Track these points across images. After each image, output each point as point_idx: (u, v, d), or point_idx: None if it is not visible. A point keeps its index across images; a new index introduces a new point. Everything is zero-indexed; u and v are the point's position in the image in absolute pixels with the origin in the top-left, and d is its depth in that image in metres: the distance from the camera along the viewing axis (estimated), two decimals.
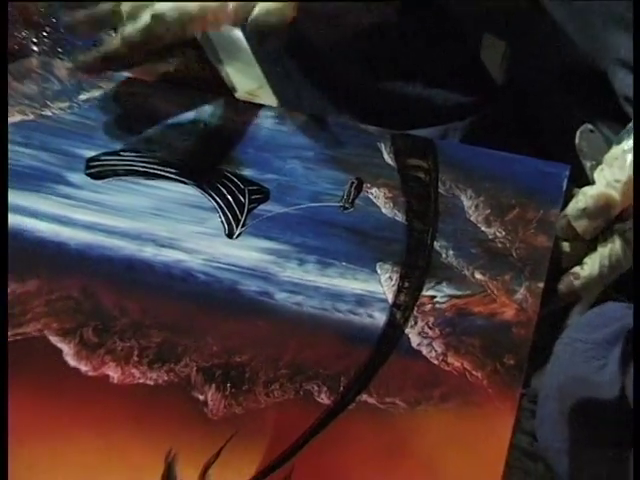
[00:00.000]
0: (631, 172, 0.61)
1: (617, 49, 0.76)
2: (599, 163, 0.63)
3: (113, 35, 0.65)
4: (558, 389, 0.77)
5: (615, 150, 0.62)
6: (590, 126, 0.66)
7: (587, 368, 0.75)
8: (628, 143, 0.62)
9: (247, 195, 0.65)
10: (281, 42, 0.66)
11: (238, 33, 1.00)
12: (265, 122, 0.68)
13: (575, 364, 0.77)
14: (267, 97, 1.00)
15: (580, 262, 0.62)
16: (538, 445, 0.80)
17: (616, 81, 0.77)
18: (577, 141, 0.66)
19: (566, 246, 0.63)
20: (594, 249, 0.62)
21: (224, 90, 0.75)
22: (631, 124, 0.63)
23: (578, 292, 0.62)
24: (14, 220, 0.63)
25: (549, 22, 0.81)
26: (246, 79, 1.10)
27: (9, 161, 0.65)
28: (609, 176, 0.61)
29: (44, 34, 0.74)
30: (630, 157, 0.61)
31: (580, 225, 0.61)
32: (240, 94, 1.03)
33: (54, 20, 0.75)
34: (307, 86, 0.91)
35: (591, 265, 0.61)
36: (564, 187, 0.64)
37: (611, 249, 0.61)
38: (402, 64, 0.89)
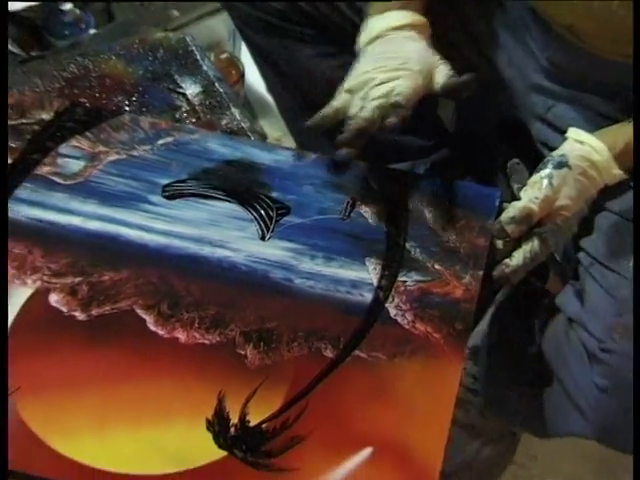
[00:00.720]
0: (547, 192, 0.60)
1: (534, 108, 0.75)
2: (524, 185, 0.62)
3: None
4: (494, 346, 0.76)
5: (535, 176, 0.62)
6: (517, 160, 0.66)
7: (514, 331, 0.74)
8: (545, 172, 0.61)
9: (274, 210, 0.65)
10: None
11: (268, 96, 0.99)
12: (287, 159, 0.68)
13: (505, 329, 0.75)
14: (288, 142, 0.99)
15: (509, 255, 0.61)
16: (478, 384, 0.78)
17: (534, 130, 0.76)
18: (508, 171, 0.65)
19: (499, 244, 0.62)
20: (519, 246, 0.61)
21: (259, 136, 0.75)
22: (546, 158, 0.62)
23: (508, 277, 0.60)
24: (112, 228, 0.63)
25: (486, 88, 0.79)
26: (273, 129, 1.10)
27: (109, 188, 0.65)
28: (531, 194, 0.60)
29: (133, 98, 0.73)
30: (545, 182, 0.60)
31: (510, 228, 0.60)
32: (270, 139, 1.03)
33: (140, 88, 0.74)
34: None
35: (517, 257, 0.60)
36: (497, 204, 0.65)
37: (531, 246, 0.60)
38: None
